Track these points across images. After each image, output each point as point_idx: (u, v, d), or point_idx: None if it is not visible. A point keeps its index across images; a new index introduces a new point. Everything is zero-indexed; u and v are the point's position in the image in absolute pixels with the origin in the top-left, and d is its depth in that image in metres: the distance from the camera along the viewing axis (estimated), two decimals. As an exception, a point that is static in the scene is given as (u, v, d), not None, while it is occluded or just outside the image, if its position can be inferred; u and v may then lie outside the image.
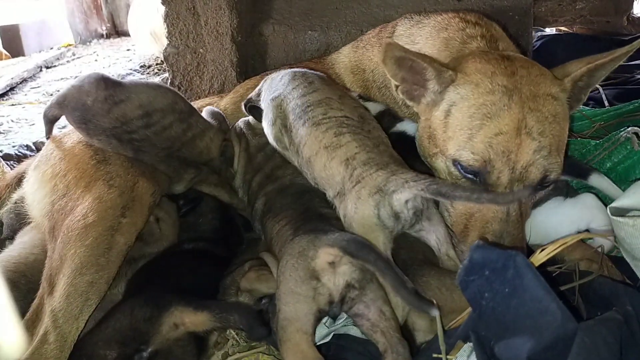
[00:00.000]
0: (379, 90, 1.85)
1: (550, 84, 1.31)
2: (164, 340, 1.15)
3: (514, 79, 1.29)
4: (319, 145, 1.31)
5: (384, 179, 1.18)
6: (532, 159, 1.24)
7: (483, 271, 0.97)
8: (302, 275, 1.10)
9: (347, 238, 1.11)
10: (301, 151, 1.36)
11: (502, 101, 1.26)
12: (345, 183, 1.24)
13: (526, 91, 1.27)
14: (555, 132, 1.27)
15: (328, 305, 1.11)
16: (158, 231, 1.51)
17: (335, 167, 1.27)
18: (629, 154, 1.60)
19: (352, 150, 1.26)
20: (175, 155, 1.57)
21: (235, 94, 2.07)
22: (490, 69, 1.32)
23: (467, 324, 1.06)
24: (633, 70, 2.79)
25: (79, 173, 1.43)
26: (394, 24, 1.92)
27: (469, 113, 1.29)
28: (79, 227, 1.29)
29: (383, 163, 1.23)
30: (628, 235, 1.15)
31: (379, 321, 1.08)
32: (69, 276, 1.22)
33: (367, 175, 1.21)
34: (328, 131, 1.31)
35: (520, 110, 1.25)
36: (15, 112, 2.83)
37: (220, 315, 1.16)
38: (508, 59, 1.37)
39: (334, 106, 1.38)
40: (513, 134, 1.24)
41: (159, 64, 3.59)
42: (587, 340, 0.83)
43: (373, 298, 1.10)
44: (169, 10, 2.39)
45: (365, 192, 1.19)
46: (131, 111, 1.50)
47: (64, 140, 1.58)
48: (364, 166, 1.23)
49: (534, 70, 1.33)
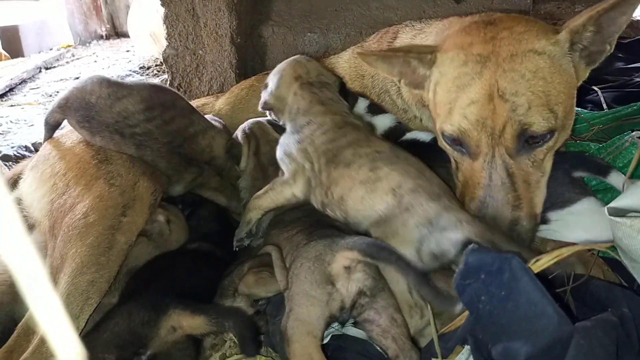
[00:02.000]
0: (379, 96, 1.86)
1: (534, 39, 1.29)
2: (162, 343, 1.15)
3: (491, 44, 1.30)
4: (353, 182, 1.25)
5: (436, 212, 1.12)
6: (507, 119, 1.24)
7: (479, 275, 0.97)
8: (318, 279, 1.10)
9: (367, 241, 1.11)
10: (332, 192, 1.29)
11: (474, 70, 1.28)
12: (390, 210, 1.18)
13: (504, 52, 1.27)
14: (536, 88, 1.24)
15: (339, 311, 1.11)
16: (168, 232, 1.52)
17: (379, 198, 1.20)
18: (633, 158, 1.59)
19: (395, 179, 1.20)
20: (177, 151, 1.58)
21: (231, 94, 2.07)
22: (467, 41, 1.34)
23: (464, 328, 1.06)
24: (632, 73, 2.78)
25: (79, 172, 1.43)
26: (395, 30, 1.91)
27: (446, 88, 1.33)
28: (79, 225, 1.29)
29: (434, 193, 1.17)
30: (625, 235, 1.14)
31: (391, 327, 1.09)
32: (70, 275, 1.22)
33: (417, 204, 1.14)
34: (361, 168, 1.25)
35: (493, 75, 1.25)
36: (14, 113, 2.83)
37: (216, 320, 1.16)
38: (491, 23, 1.37)
39: (362, 144, 1.33)
40: (486, 101, 1.25)
41: (159, 65, 3.60)
42: (584, 343, 0.83)
43: (385, 305, 1.10)
44: (169, 11, 2.40)
45: (412, 221, 1.13)
46: (133, 105, 1.52)
47: (63, 141, 1.58)
48: (413, 193, 1.16)
49: (518, 28, 1.33)
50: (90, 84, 1.52)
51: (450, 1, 2.60)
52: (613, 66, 2.87)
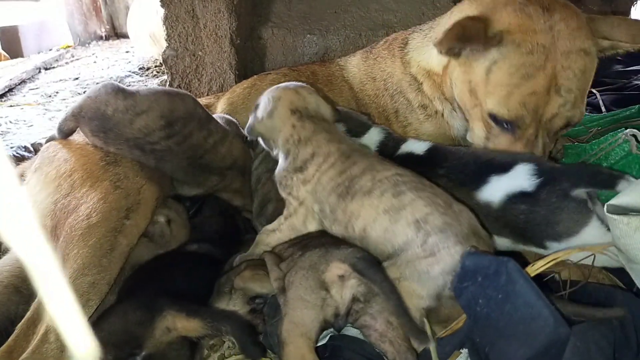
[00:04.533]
0: (392, 97, 1.88)
1: (584, 38, 1.41)
2: (157, 344, 1.15)
3: (550, 35, 1.39)
4: (376, 212, 1.13)
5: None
6: (556, 112, 1.39)
7: (476, 278, 0.98)
8: (312, 285, 1.11)
9: (358, 255, 1.11)
10: (353, 226, 1.18)
11: (539, 61, 1.37)
12: (412, 247, 1.07)
13: (562, 47, 1.38)
14: (581, 86, 1.40)
15: (334, 317, 1.12)
16: (169, 233, 1.52)
17: (400, 229, 1.09)
18: (625, 155, 1.60)
19: (421, 210, 1.08)
20: (198, 163, 1.56)
21: (232, 93, 2.07)
22: (529, 25, 1.40)
23: (462, 331, 1.07)
24: (630, 76, 2.79)
25: (85, 173, 1.42)
26: (404, 36, 1.94)
27: (509, 72, 1.39)
28: (82, 227, 1.29)
29: (463, 235, 1.05)
30: (623, 234, 1.13)
31: (387, 331, 1.09)
32: (71, 276, 1.21)
33: (444, 249, 1.04)
34: (384, 194, 1.14)
35: (553, 69, 1.36)
36: (13, 113, 2.83)
37: (211, 324, 1.16)
38: (548, 10, 1.43)
39: (379, 168, 1.21)
40: (544, 93, 1.37)
41: (158, 67, 3.60)
42: (580, 345, 0.84)
43: (379, 310, 1.10)
44: (168, 12, 2.40)
45: (437, 269, 1.03)
46: (153, 122, 1.47)
47: (69, 142, 1.56)
48: (441, 234, 1.05)
49: (572, 22, 1.41)
50: (104, 93, 1.47)
51: (449, 3, 2.61)
52: (612, 69, 2.89)
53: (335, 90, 1.98)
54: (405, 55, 1.86)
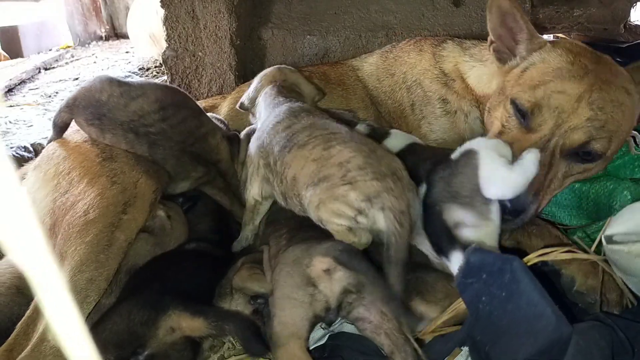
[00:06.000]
0: (408, 89, 1.91)
1: (627, 80, 1.44)
2: (161, 343, 1.15)
3: (595, 64, 1.42)
4: (306, 161, 1.20)
5: (376, 191, 1.10)
6: (582, 124, 1.34)
7: (480, 274, 0.98)
8: (298, 282, 1.11)
9: (340, 248, 1.11)
10: (285, 177, 1.26)
11: (578, 72, 1.38)
12: (332, 179, 1.14)
13: (604, 75, 1.39)
14: (615, 117, 1.36)
15: (324, 311, 1.11)
16: (169, 226, 1.52)
17: (326, 170, 1.16)
18: (623, 155, 1.60)
19: (346, 155, 1.16)
20: (188, 150, 1.58)
21: (239, 94, 2.07)
22: (578, 51, 1.46)
23: (464, 329, 1.06)
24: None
25: (83, 170, 1.42)
26: (438, 41, 1.97)
27: (544, 71, 1.43)
28: (79, 223, 1.29)
29: (380, 174, 1.13)
30: (624, 260, 1.15)
31: (382, 323, 1.09)
32: (69, 273, 1.21)
33: (361, 180, 1.12)
34: (315, 148, 1.21)
35: (590, 86, 1.35)
36: (13, 113, 2.83)
37: (215, 324, 1.16)
38: (596, 53, 1.49)
39: (318, 126, 1.30)
40: (574, 98, 1.35)
41: (158, 67, 3.59)
42: (582, 343, 0.84)
43: (372, 300, 1.10)
44: (168, 13, 2.40)
45: (353, 195, 1.11)
46: (148, 105, 1.52)
47: (67, 141, 1.57)
48: (360, 170, 1.13)
49: (617, 68, 1.46)
50: (98, 82, 1.53)
51: (449, 5, 2.61)
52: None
53: (349, 89, 2.01)
54: (441, 51, 1.89)
